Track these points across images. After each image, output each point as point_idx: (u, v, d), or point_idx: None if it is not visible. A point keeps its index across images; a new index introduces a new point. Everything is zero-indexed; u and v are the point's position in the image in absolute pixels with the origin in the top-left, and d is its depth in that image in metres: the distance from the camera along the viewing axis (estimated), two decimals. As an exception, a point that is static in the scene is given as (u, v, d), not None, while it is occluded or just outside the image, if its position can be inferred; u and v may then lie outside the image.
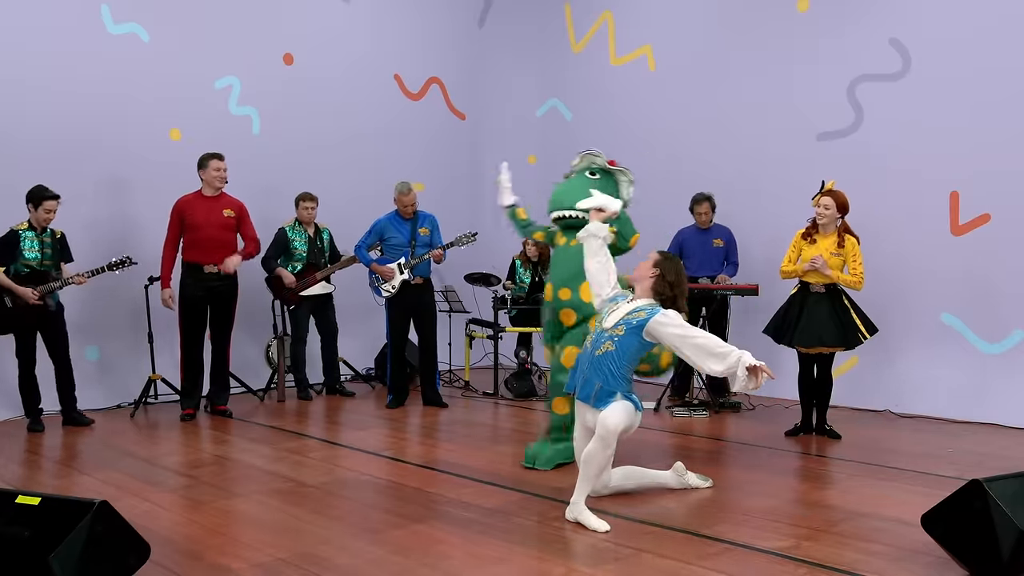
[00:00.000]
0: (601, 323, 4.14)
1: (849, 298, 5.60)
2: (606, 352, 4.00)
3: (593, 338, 4.13)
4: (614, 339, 4.01)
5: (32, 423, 6.07)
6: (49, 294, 6.00)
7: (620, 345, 3.99)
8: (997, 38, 6.19)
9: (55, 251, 6.09)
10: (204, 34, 7.57)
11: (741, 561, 3.36)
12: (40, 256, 6.02)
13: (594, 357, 4.04)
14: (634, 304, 4.08)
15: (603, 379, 3.98)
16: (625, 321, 4.01)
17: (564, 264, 4.84)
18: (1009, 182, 6.14)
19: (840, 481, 4.66)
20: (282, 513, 4.06)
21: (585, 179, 4.83)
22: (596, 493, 4.13)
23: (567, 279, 4.78)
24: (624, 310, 4.07)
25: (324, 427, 6.37)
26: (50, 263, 6.06)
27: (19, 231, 6.02)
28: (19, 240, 5.98)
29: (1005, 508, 2.97)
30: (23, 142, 6.58)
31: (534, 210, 5.53)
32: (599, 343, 4.05)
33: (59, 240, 6.16)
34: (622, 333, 4.00)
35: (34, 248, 6.01)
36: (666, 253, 4.24)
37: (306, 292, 7.38)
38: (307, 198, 7.41)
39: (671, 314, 3.96)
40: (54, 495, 2.98)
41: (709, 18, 8.01)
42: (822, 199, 5.57)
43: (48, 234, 6.10)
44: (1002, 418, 6.07)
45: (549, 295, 4.90)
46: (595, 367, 4.02)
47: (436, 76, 9.31)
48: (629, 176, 4.92)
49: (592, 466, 3.89)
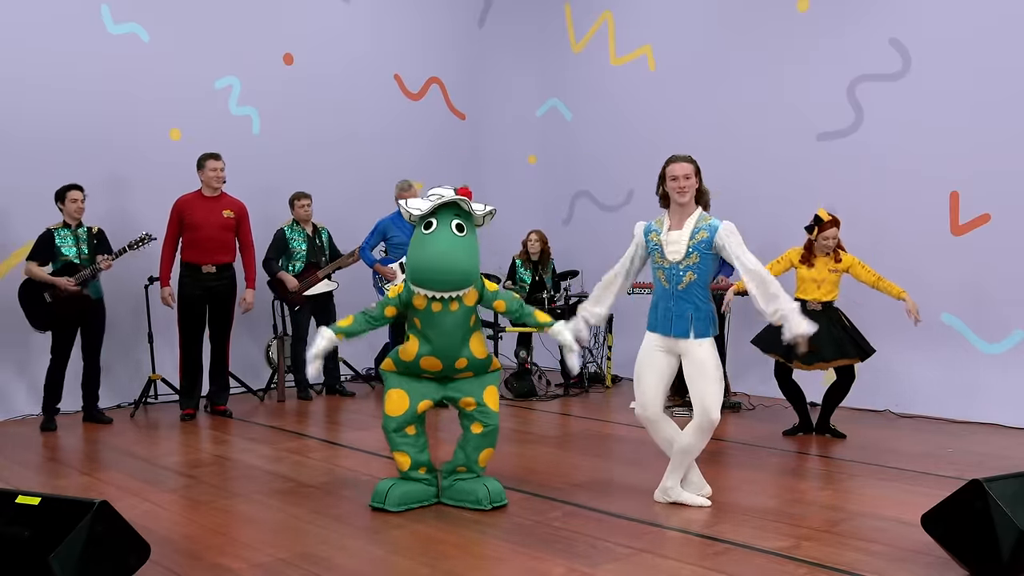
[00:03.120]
0: (663, 257, 4.03)
1: (845, 316, 5.69)
2: (690, 283, 3.98)
3: (666, 275, 4.04)
4: (693, 268, 3.98)
5: (46, 421, 6.11)
6: (85, 283, 6.08)
7: (700, 272, 3.99)
8: (997, 38, 6.19)
9: (92, 246, 6.21)
10: (204, 34, 7.57)
11: (741, 561, 3.36)
12: (78, 252, 6.14)
13: (678, 292, 4.00)
14: (686, 229, 4.00)
15: (694, 310, 3.97)
16: (695, 247, 3.97)
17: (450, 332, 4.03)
18: (1009, 182, 6.14)
19: (840, 481, 4.66)
20: (282, 513, 4.06)
21: (457, 239, 3.96)
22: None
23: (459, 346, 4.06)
24: (684, 238, 3.99)
25: (324, 427, 6.37)
26: (88, 258, 6.16)
27: (54, 230, 6.13)
28: (54, 239, 6.09)
29: (1005, 508, 2.98)
30: (23, 142, 6.58)
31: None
32: (679, 278, 4.00)
33: (96, 235, 6.27)
34: (698, 260, 3.98)
35: (71, 244, 6.13)
36: (688, 156, 4.08)
37: (309, 291, 7.38)
38: (301, 196, 7.40)
39: (729, 224, 3.99)
40: (54, 495, 2.99)
41: (709, 18, 8.01)
42: (828, 230, 5.55)
43: (84, 230, 6.22)
44: (1002, 418, 6.06)
45: (437, 367, 4.08)
46: (682, 301, 3.99)
47: (436, 76, 9.31)
48: (488, 209, 4.15)
49: (690, 456, 4.07)
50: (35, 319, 6.09)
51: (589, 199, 9.05)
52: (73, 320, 6.13)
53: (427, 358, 4.06)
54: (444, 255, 3.92)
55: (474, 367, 4.15)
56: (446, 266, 3.92)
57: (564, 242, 8.75)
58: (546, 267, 8.11)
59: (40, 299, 6.05)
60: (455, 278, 3.94)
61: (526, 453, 5.39)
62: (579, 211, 9.17)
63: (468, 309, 4.08)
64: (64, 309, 6.07)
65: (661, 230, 4.10)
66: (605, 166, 8.81)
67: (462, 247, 3.97)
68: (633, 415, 4.32)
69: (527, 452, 5.42)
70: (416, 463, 4.13)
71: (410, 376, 4.17)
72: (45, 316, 6.08)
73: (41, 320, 6.09)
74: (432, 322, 4.02)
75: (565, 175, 9.27)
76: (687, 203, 4.04)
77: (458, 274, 3.94)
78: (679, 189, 4.00)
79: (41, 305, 6.06)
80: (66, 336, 6.15)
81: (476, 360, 4.12)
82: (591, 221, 8.92)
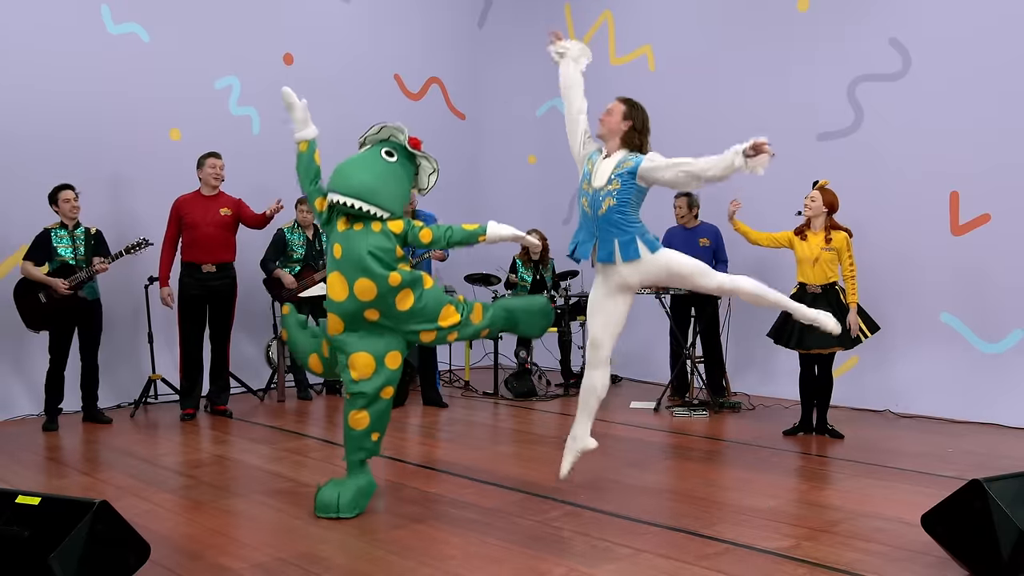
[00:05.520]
0: (589, 184, 4.17)
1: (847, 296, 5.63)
2: (609, 208, 4.08)
3: (589, 200, 4.16)
4: (612, 194, 4.08)
5: (48, 421, 6.11)
6: (79, 285, 6.08)
7: (620, 197, 4.07)
8: (997, 38, 6.19)
9: (88, 247, 6.21)
10: (204, 34, 7.57)
11: (741, 561, 3.36)
12: (74, 252, 6.14)
13: (599, 217, 4.10)
14: (613, 158, 4.16)
15: (618, 232, 4.06)
16: (617, 175, 4.09)
17: (351, 252, 3.91)
18: (1009, 182, 6.14)
19: (840, 481, 4.66)
20: (282, 513, 4.06)
21: (379, 159, 4.07)
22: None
23: (358, 269, 3.89)
24: (609, 165, 4.14)
25: (324, 427, 6.37)
26: (84, 259, 6.16)
27: (50, 230, 6.14)
28: (51, 239, 6.11)
29: (1005, 508, 2.97)
30: (23, 141, 6.58)
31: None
32: (598, 203, 4.11)
33: (93, 237, 6.29)
34: (619, 187, 4.08)
35: (67, 245, 6.13)
36: (629, 100, 4.27)
37: (306, 293, 7.37)
38: (305, 201, 7.38)
39: (654, 155, 4.10)
40: (54, 495, 2.98)
41: (709, 18, 8.01)
42: (811, 193, 5.69)
43: (81, 231, 6.23)
44: (1002, 418, 6.07)
45: (341, 293, 3.91)
46: (604, 225, 4.10)
47: (436, 76, 9.31)
48: (434, 164, 4.24)
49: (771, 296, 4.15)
50: (29, 319, 6.09)
51: (589, 199, 9.04)
52: (68, 320, 6.13)
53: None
54: (354, 162, 4.04)
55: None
56: (350, 169, 3.99)
57: (564, 242, 8.71)
58: (546, 266, 8.12)
59: (35, 299, 6.05)
60: (354, 182, 3.94)
61: (526, 453, 5.39)
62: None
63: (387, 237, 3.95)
64: (58, 310, 6.06)
65: (596, 158, 4.25)
66: (605, 166, 8.80)
67: (377, 162, 4.03)
68: (633, 414, 4.31)
69: (527, 452, 5.42)
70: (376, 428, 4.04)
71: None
72: (39, 316, 6.08)
73: (35, 320, 6.09)
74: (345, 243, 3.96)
75: (565, 175, 9.23)
76: (603, 135, 4.24)
77: (356, 181, 3.94)
78: (599, 121, 4.25)
79: (36, 305, 6.06)
80: (63, 336, 6.15)
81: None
82: (591, 221, 8.91)
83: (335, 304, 3.95)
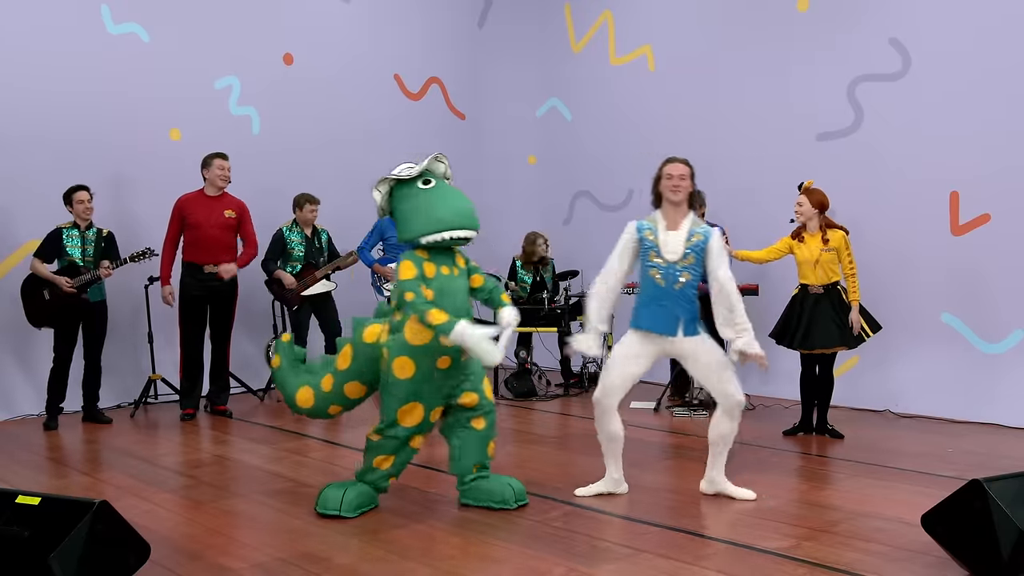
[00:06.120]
0: (659, 255, 4.11)
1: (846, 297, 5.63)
2: (686, 283, 4.10)
3: (662, 274, 4.11)
4: (689, 269, 4.10)
5: (49, 420, 6.12)
6: (83, 287, 6.09)
7: (694, 272, 4.12)
8: (998, 38, 6.18)
9: (98, 249, 6.24)
10: (204, 34, 7.57)
11: (741, 561, 3.36)
12: (82, 253, 6.16)
13: (674, 292, 4.10)
14: (683, 229, 4.13)
15: (690, 307, 4.11)
16: (691, 248, 4.10)
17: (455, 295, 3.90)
18: (1009, 182, 6.14)
19: (840, 481, 4.66)
20: (282, 513, 4.06)
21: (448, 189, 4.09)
22: None
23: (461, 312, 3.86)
24: (682, 238, 4.11)
25: (324, 427, 6.37)
26: (92, 260, 6.18)
27: (63, 229, 6.17)
28: (62, 237, 6.13)
29: (1005, 508, 2.97)
30: (23, 141, 6.58)
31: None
32: (675, 278, 4.09)
33: (105, 238, 6.31)
34: (693, 262, 4.11)
35: (76, 245, 6.17)
36: (685, 159, 4.20)
37: (306, 292, 7.37)
38: (312, 200, 7.32)
39: (718, 238, 4.14)
40: (54, 495, 2.99)
41: (709, 18, 8.01)
42: (797, 198, 5.67)
43: (93, 232, 6.25)
44: (1002, 418, 6.06)
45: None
46: (678, 301, 4.10)
47: (436, 76, 9.31)
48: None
49: (729, 441, 4.17)
50: (33, 315, 6.12)
51: (589, 199, 9.05)
52: (73, 320, 6.14)
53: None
54: (463, 196, 4.00)
55: None
56: (470, 205, 3.97)
57: (564, 242, 8.76)
58: (546, 267, 8.12)
59: (39, 296, 6.07)
60: (475, 217, 3.95)
61: (526, 453, 5.39)
62: (579, 211, 9.17)
63: (463, 271, 4.03)
64: (62, 308, 6.07)
65: (656, 229, 4.16)
66: (605, 166, 8.81)
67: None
68: (633, 414, 4.31)
69: (527, 452, 5.42)
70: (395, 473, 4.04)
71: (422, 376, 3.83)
72: (43, 313, 6.10)
73: (38, 317, 6.11)
74: (444, 289, 3.83)
75: (565, 175, 9.27)
76: (680, 202, 4.14)
77: (474, 213, 3.96)
78: (673, 187, 4.11)
79: (39, 302, 6.07)
80: (67, 336, 6.16)
81: None
82: (591, 221, 8.92)
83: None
